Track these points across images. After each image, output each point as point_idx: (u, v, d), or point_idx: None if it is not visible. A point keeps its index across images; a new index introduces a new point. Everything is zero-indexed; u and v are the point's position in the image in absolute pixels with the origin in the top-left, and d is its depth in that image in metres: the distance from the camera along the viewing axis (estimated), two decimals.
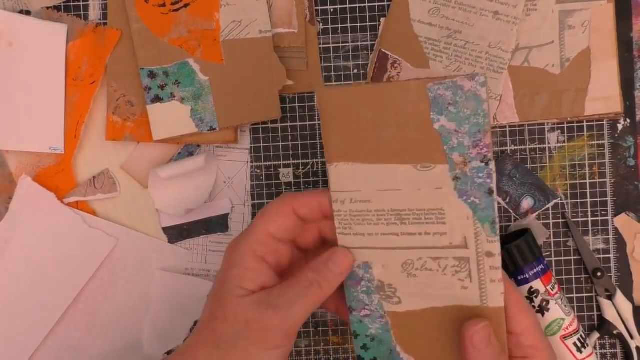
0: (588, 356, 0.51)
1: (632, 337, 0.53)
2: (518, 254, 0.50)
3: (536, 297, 0.50)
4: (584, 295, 0.54)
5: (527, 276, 0.50)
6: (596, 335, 0.53)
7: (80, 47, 0.53)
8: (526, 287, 0.50)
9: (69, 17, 0.53)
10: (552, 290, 0.50)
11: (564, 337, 0.50)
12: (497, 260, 0.40)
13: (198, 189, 0.54)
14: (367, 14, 0.54)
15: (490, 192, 0.39)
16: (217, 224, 0.55)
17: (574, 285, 0.54)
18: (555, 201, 0.53)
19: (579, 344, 0.50)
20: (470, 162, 0.39)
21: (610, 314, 0.53)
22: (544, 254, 0.54)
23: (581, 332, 0.51)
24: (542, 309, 0.50)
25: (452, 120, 0.39)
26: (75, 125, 0.53)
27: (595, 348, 0.54)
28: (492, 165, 0.39)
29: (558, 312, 0.50)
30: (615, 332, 0.53)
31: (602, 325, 0.53)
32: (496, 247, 0.40)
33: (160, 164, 0.54)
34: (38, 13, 0.53)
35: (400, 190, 0.41)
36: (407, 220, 0.42)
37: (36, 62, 0.52)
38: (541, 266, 0.50)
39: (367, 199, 0.42)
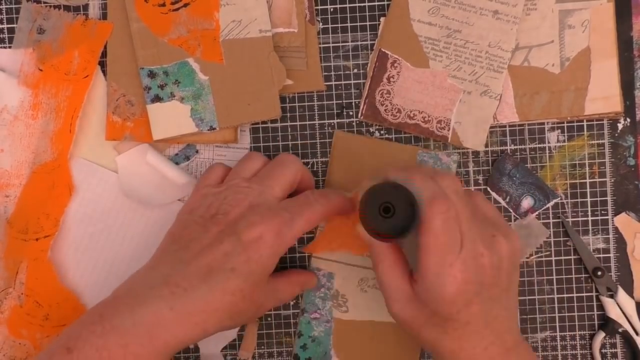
0: None
1: (637, 334, 0.52)
2: None
3: None
4: (584, 295, 0.54)
5: None
6: (602, 334, 0.53)
7: (70, 41, 0.53)
8: None
9: (55, 11, 0.53)
10: None
11: None
12: None
13: (157, 192, 0.54)
14: (367, 14, 0.54)
15: None
16: None
17: (574, 285, 0.54)
18: (555, 201, 0.53)
19: None
20: None
21: (614, 312, 0.53)
22: (544, 253, 0.54)
23: None
24: None
25: None
26: (69, 120, 0.52)
27: (602, 347, 0.54)
28: None
29: None
30: (620, 330, 0.53)
31: (607, 324, 0.53)
32: None
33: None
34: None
35: None
36: None
37: None
38: None
39: None
